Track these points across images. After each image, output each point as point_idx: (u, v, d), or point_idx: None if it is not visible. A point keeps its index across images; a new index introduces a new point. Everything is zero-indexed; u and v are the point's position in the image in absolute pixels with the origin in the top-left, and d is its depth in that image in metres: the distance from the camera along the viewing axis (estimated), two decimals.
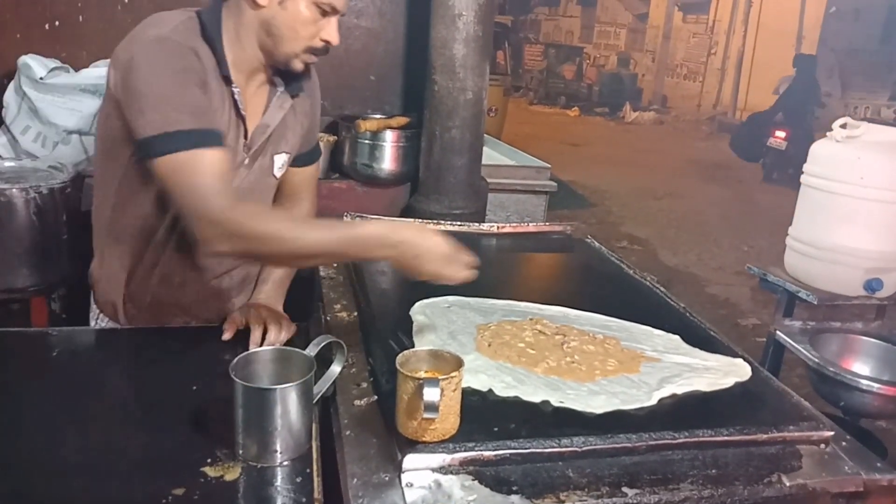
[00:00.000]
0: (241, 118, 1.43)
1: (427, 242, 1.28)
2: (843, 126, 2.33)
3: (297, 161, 1.62)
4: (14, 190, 1.87)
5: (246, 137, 1.46)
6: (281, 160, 1.56)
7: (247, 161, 1.48)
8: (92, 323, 1.61)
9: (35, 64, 2.17)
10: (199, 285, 1.55)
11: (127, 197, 1.43)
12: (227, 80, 1.39)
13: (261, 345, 1.39)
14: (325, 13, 1.37)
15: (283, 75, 1.49)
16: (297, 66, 1.43)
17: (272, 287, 1.62)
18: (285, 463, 1.09)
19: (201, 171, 1.25)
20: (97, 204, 1.51)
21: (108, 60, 2.22)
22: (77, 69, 2.27)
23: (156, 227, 1.46)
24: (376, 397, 1.23)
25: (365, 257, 1.37)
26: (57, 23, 2.32)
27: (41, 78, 2.16)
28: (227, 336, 1.44)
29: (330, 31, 1.39)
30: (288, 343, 1.42)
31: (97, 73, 2.24)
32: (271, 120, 1.50)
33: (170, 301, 1.55)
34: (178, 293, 1.54)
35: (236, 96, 1.41)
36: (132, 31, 1.37)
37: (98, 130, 1.46)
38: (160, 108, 1.25)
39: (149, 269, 1.50)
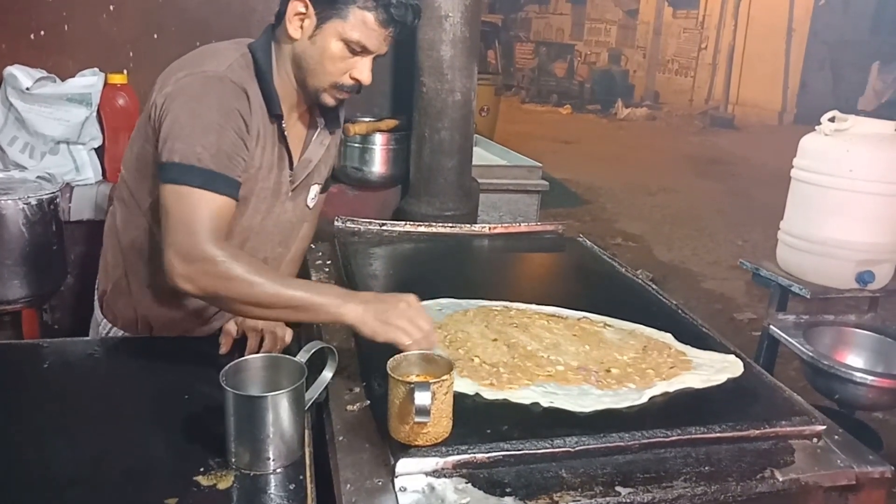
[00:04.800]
0: (287, 153, 1.48)
1: (398, 300, 1.26)
2: (832, 119, 2.33)
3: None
4: (3, 201, 1.86)
5: (291, 169, 1.50)
6: (314, 192, 1.61)
7: (290, 194, 1.53)
8: (95, 333, 1.60)
9: (21, 74, 2.16)
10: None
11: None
12: (279, 118, 1.42)
13: (257, 353, 1.39)
14: (354, 52, 1.38)
15: (322, 111, 1.54)
16: (327, 100, 1.45)
17: None
18: (278, 470, 1.09)
19: (199, 210, 1.26)
20: (122, 222, 1.49)
21: (95, 69, 2.27)
22: (63, 79, 2.25)
23: None
24: (369, 402, 1.23)
25: (320, 317, 1.30)
26: (42, 32, 2.31)
27: (27, 88, 2.15)
28: (224, 350, 1.43)
29: (361, 69, 1.40)
30: (282, 350, 1.41)
31: (83, 82, 2.24)
32: (314, 155, 1.55)
33: (205, 314, 1.54)
34: (207, 312, 1.53)
35: (286, 132, 1.45)
36: (186, 59, 1.39)
37: (131, 152, 1.45)
38: (188, 140, 1.27)
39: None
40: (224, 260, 1.24)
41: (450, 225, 2.27)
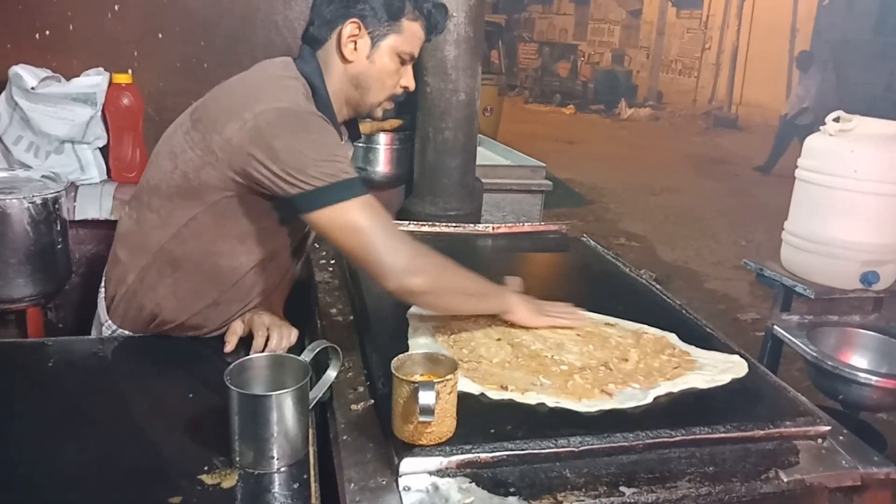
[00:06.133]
0: None
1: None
2: (837, 119, 2.33)
3: None
4: (8, 200, 1.86)
5: None
6: None
7: None
8: (97, 334, 1.59)
9: (26, 74, 2.16)
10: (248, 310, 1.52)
11: (199, 233, 1.41)
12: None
13: (263, 352, 1.39)
14: (404, 62, 1.45)
15: (346, 123, 1.56)
16: (379, 113, 1.51)
17: (273, 294, 1.62)
18: (282, 469, 1.09)
19: (379, 212, 1.31)
20: (151, 229, 1.44)
21: (99, 69, 2.27)
22: (68, 78, 2.26)
23: (228, 266, 1.44)
24: (373, 401, 1.23)
25: (492, 305, 1.47)
26: (47, 32, 2.31)
27: (32, 88, 2.15)
28: (229, 348, 1.43)
29: (409, 77, 1.49)
30: (287, 349, 1.41)
31: (88, 81, 2.24)
32: None
33: (213, 320, 1.52)
34: (224, 318, 1.52)
35: None
36: (241, 88, 1.38)
37: (173, 170, 1.39)
38: (324, 162, 1.28)
39: (208, 299, 1.47)
40: (428, 251, 1.34)
41: (453, 225, 2.28)
